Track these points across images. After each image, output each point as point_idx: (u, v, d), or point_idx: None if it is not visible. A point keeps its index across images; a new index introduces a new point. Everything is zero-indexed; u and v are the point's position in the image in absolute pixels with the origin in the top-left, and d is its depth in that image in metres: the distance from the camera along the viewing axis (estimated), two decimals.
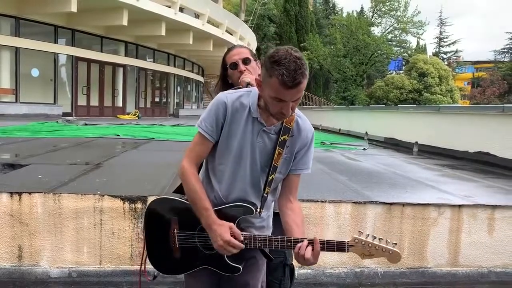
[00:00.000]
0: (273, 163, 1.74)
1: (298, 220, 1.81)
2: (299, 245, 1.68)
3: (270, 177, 1.75)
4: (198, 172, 1.82)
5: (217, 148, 1.77)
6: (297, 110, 1.80)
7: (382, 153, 9.34)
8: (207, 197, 1.74)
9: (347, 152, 9.16)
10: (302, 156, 1.81)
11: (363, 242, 1.72)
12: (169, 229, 1.82)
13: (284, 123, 1.74)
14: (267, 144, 1.74)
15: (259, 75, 1.69)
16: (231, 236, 1.70)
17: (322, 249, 1.69)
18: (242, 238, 1.71)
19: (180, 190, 1.90)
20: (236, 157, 1.74)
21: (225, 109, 1.72)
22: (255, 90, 1.75)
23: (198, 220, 1.75)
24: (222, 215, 1.73)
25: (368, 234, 1.74)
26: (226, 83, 2.36)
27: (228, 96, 1.75)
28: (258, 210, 1.76)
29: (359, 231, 1.76)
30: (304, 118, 1.83)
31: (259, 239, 1.73)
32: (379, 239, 1.73)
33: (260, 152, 1.74)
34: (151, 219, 1.87)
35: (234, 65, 2.30)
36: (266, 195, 1.77)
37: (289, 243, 1.72)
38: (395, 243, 1.73)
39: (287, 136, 1.75)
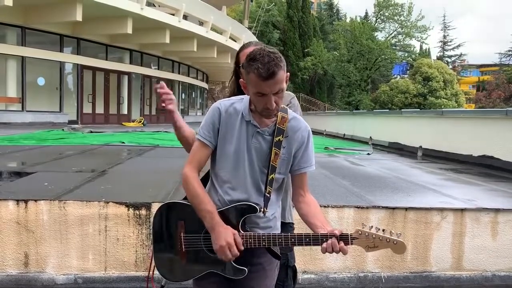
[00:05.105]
0: (271, 163, 1.79)
1: (313, 211, 1.85)
2: (324, 246, 1.70)
3: (270, 177, 1.79)
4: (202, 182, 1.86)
5: (216, 154, 1.83)
6: (291, 112, 1.86)
7: (386, 158, 9.34)
8: (211, 200, 1.79)
9: (351, 157, 9.17)
10: (302, 155, 1.86)
11: (367, 234, 1.70)
12: (176, 234, 1.85)
13: (277, 125, 1.80)
14: (263, 145, 1.80)
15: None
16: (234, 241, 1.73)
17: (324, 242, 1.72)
18: (242, 248, 1.74)
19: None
20: (234, 160, 1.80)
21: (219, 115, 1.81)
22: (247, 96, 1.83)
23: (203, 223, 1.78)
24: (227, 216, 1.77)
25: (372, 226, 1.73)
26: (239, 77, 2.36)
27: (222, 103, 1.85)
28: (262, 209, 1.79)
29: (362, 224, 1.75)
30: (298, 119, 1.88)
31: (263, 237, 1.75)
32: (383, 230, 1.71)
33: (256, 153, 1.79)
34: (159, 225, 1.90)
35: None
36: (268, 195, 1.81)
37: (292, 240, 1.75)
38: (400, 233, 1.71)
39: (282, 137, 1.80)
